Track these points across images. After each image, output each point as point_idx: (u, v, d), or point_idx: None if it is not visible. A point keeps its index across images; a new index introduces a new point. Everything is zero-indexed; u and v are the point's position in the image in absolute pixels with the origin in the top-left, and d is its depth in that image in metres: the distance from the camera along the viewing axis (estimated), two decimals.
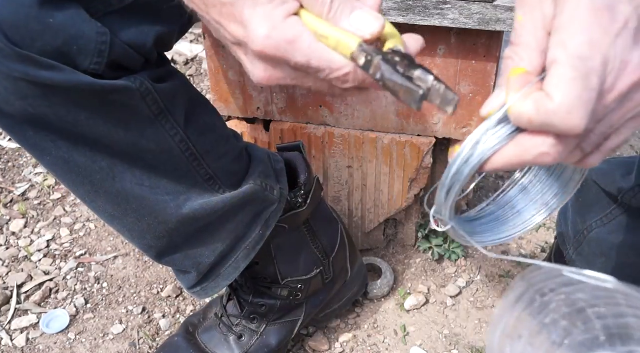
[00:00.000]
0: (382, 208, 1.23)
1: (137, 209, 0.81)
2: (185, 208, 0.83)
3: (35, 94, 0.66)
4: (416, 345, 1.16)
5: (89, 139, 0.73)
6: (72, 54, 0.64)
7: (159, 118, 0.75)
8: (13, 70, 0.63)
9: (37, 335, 1.19)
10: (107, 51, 0.66)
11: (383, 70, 0.50)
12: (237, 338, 1.06)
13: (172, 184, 0.81)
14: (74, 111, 0.69)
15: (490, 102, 0.48)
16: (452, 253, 1.29)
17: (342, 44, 0.51)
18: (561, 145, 0.45)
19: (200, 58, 1.95)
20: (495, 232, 0.59)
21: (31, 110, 0.68)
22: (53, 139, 0.72)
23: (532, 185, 0.60)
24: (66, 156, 0.74)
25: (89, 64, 0.66)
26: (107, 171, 0.76)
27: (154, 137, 0.76)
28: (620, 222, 0.94)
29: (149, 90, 0.72)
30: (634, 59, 0.44)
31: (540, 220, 0.59)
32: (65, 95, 0.67)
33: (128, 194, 0.79)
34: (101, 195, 0.79)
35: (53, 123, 0.70)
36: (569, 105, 0.42)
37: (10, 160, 1.59)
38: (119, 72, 0.69)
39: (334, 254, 1.08)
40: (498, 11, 0.88)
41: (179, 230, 0.85)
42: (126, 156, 0.76)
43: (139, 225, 0.83)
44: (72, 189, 0.81)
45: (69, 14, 0.63)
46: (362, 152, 1.14)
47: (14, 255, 1.34)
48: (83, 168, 0.75)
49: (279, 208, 0.92)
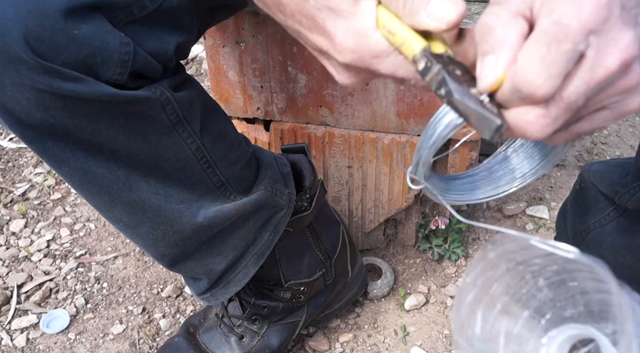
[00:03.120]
0: (382, 208, 1.23)
1: (153, 218, 0.81)
2: (199, 217, 0.83)
3: (57, 105, 0.66)
4: (416, 345, 1.16)
5: (107, 148, 0.73)
6: (95, 65, 0.64)
7: (176, 127, 0.75)
8: (37, 82, 0.63)
9: (37, 335, 1.19)
10: (130, 61, 0.66)
11: (451, 88, 0.46)
12: (238, 339, 1.06)
13: (186, 192, 0.81)
14: (95, 121, 0.69)
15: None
16: (452, 253, 1.29)
17: (407, 45, 0.49)
18: (534, 115, 0.44)
19: (200, 58, 1.95)
20: (467, 194, 0.60)
21: (52, 122, 0.67)
22: (72, 149, 0.72)
23: (515, 154, 0.60)
24: (84, 166, 0.74)
25: (111, 75, 0.65)
26: (123, 181, 0.76)
27: (171, 145, 0.76)
28: (617, 223, 0.94)
29: (168, 99, 0.72)
30: (624, 38, 0.42)
31: (511, 190, 0.59)
32: (87, 106, 0.67)
33: (144, 204, 0.79)
34: (117, 205, 0.79)
35: (72, 134, 0.70)
36: (528, 65, 0.42)
37: (10, 160, 1.59)
38: (139, 81, 0.69)
39: (336, 256, 1.08)
40: None
41: (193, 238, 0.85)
42: (142, 165, 0.76)
43: (153, 233, 0.83)
44: (88, 199, 0.81)
45: (93, 25, 0.63)
46: (362, 152, 1.14)
47: (14, 255, 1.34)
48: (100, 178, 0.75)
49: (288, 213, 0.92)
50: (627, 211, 0.92)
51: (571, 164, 1.52)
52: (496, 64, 0.44)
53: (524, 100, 0.44)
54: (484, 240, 1.35)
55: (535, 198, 1.44)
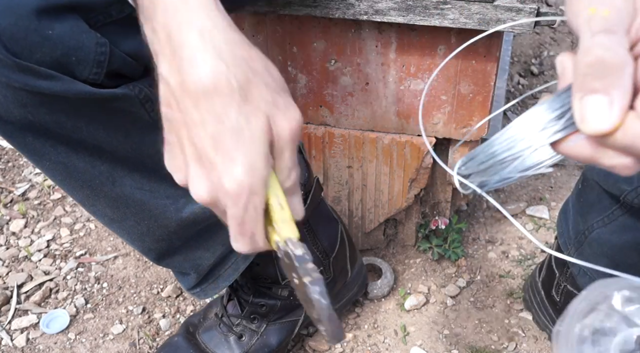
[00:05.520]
0: (382, 208, 1.23)
1: (137, 213, 0.81)
2: (185, 212, 0.82)
3: (35, 102, 0.66)
4: (416, 345, 1.16)
5: (89, 144, 0.73)
6: (70, 64, 0.64)
7: (158, 123, 0.75)
8: (12, 80, 0.63)
9: (37, 335, 1.19)
10: (106, 61, 0.66)
11: (311, 289, 0.52)
12: (238, 338, 1.06)
13: (172, 188, 0.81)
14: (74, 118, 0.69)
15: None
16: (452, 253, 1.29)
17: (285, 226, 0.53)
18: (625, 162, 0.41)
19: None
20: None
21: (31, 118, 0.68)
22: (53, 144, 0.72)
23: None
24: (65, 161, 0.74)
25: (88, 74, 0.65)
26: (106, 175, 0.76)
27: (154, 141, 0.76)
28: (621, 222, 0.94)
29: (147, 96, 0.72)
30: None
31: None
32: (65, 104, 0.67)
33: (128, 198, 0.79)
34: (100, 199, 0.79)
35: (52, 129, 0.70)
36: None
37: (10, 160, 1.59)
38: (118, 80, 0.69)
39: (334, 254, 1.08)
40: (498, 11, 0.88)
41: (179, 233, 0.85)
42: (126, 161, 0.76)
43: (138, 228, 0.83)
44: (70, 193, 0.81)
45: (68, 25, 0.63)
46: (362, 152, 1.14)
47: (14, 255, 1.34)
48: (82, 172, 0.75)
49: None
50: (633, 209, 0.92)
51: (571, 164, 1.52)
52: (611, 109, 0.39)
53: (630, 153, 0.41)
54: (484, 240, 1.35)
55: (535, 198, 1.44)
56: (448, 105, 1.05)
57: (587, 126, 0.40)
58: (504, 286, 1.26)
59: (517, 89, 1.77)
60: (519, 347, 1.15)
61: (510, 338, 1.17)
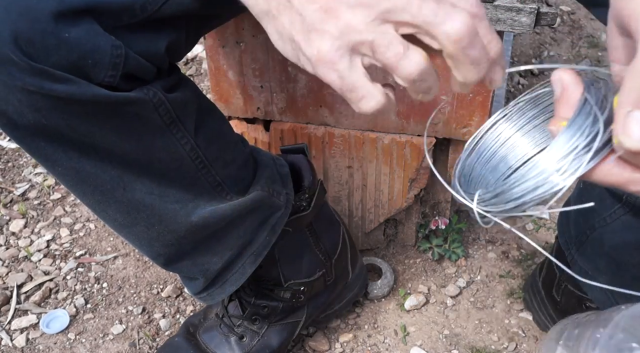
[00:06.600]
0: (382, 208, 1.23)
1: (147, 218, 0.81)
2: (194, 216, 0.82)
3: (49, 106, 0.66)
4: (416, 345, 1.16)
5: (101, 148, 0.73)
6: (86, 67, 0.64)
7: (170, 127, 0.75)
8: (28, 84, 0.63)
9: (37, 335, 1.19)
10: (122, 64, 0.66)
11: None
12: (238, 338, 1.06)
13: (181, 192, 0.81)
14: (87, 122, 0.69)
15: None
16: (452, 253, 1.29)
17: None
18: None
19: (200, 58, 1.95)
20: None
21: (44, 122, 0.68)
22: (65, 149, 0.72)
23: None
24: (77, 166, 0.74)
25: (103, 77, 0.66)
26: (117, 180, 0.76)
27: (165, 146, 0.76)
28: (624, 221, 0.94)
29: (161, 100, 0.72)
30: None
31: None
32: (79, 108, 0.67)
33: (138, 203, 0.79)
34: (111, 205, 0.79)
35: (65, 134, 0.70)
36: None
37: (10, 160, 1.59)
38: (132, 83, 0.69)
39: (336, 256, 1.08)
40: (498, 11, 0.88)
41: (188, 238, 0.85)
42: (136, 165, 0.76)
43: (148, 233, 0.83)
44: (81, 199, 0.81)
45: (84, 29, 0.63)
46: (362, 152, 1.14)
47: (14, 255, 1.34)
48: (94, 177, 0.75)
49: (285, 213, 0.92)
50: (635, 208, 0.92)
51: None
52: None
53: None
54: (484, 240, 1.35)
55: None
56: (448, 105, 1.05)
57: (627, 141, 0.39)
58: (504, 286, 1.26)
59: (517, 89, 1.77)
60: (519, 347, 1.15)
61: (510, 339, 1.17)
